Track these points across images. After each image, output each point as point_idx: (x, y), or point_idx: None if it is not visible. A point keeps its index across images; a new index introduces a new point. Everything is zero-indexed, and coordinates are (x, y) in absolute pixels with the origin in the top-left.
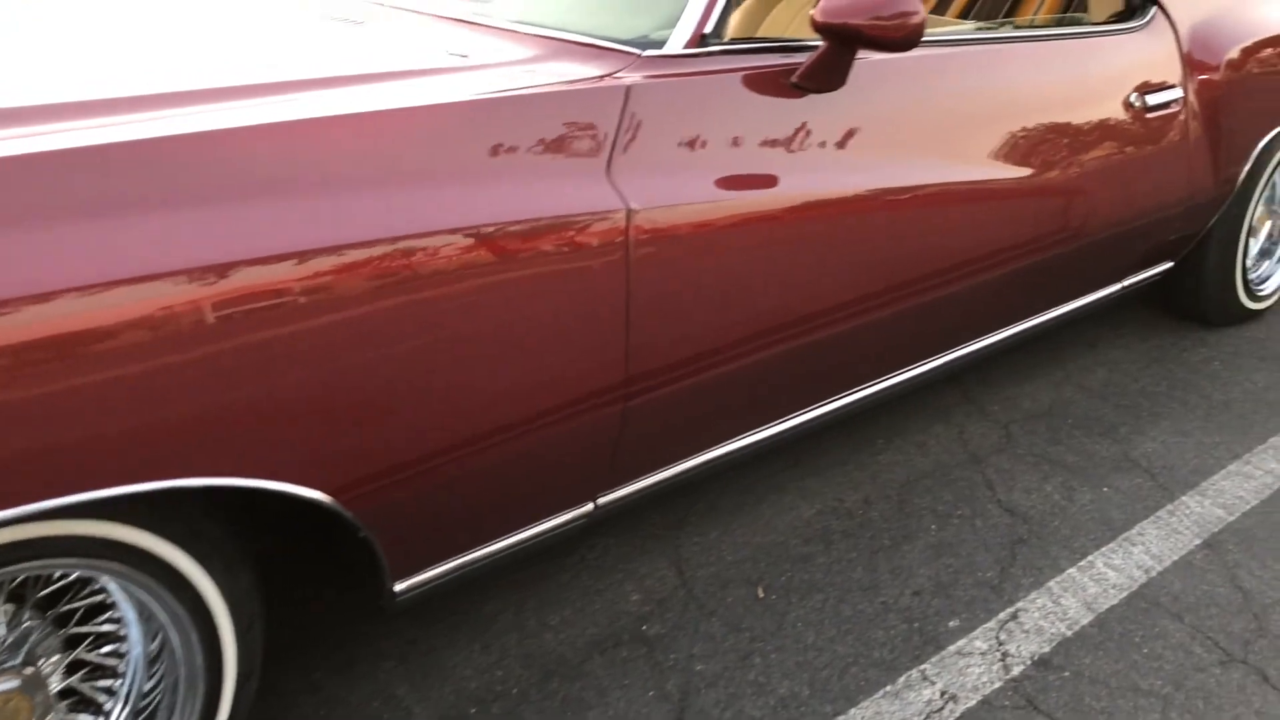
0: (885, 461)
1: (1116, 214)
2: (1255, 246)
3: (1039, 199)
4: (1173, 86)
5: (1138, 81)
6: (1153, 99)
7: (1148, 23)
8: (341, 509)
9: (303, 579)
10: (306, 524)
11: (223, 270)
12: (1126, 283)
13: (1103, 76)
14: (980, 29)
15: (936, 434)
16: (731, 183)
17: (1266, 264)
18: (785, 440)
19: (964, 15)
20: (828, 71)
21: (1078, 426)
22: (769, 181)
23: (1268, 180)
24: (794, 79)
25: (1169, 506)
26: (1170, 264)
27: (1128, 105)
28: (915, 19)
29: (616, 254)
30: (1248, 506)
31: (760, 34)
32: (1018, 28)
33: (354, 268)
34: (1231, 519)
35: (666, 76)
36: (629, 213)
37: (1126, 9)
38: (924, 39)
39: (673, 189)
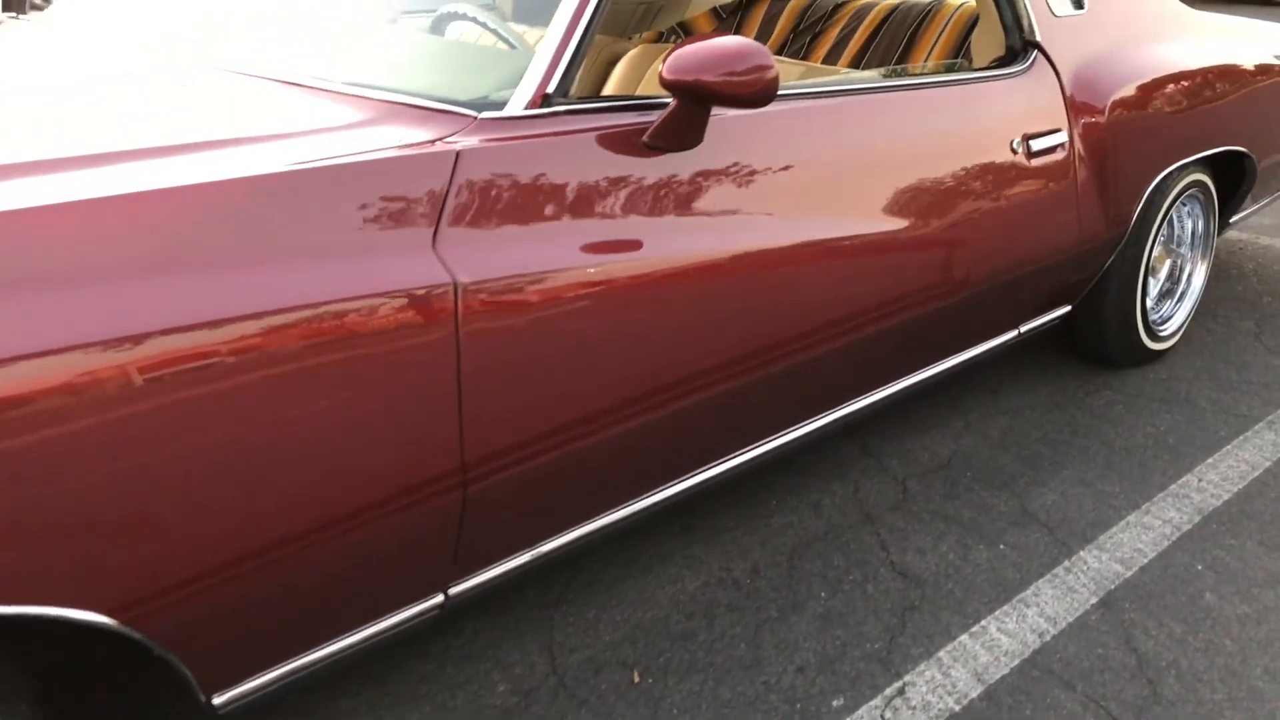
0: (778, 524)
1: (1003, 262)
2: (1155, 286)
3: (919, 251)
4: (1057, 130)
5: (1020, 127)
6: (1036, 144)
7: (1028, 67)
8: (127, 629)
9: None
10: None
11: None
12: (1023, 329)
13: (983, 123)
14: (853, 79)
15: (833, 492)
16: (578, 249)
17: (1168, 304)
18: (665, 509)
19: (855, 64)
20: (680, 130)
21: (976, 480)
22: (621, 246)
23: (1162, 220)
24: (645, 138)
25: (1066, 563)
26: (1068, 308)
27: (1010, 151)
28: (767, 74)
29: (443, 331)
30: (1145, 560)
31: (613, 91)
32: (893, 77)
33: (126, 362)
34: (1129, 574)
35: (505, 140)
36: (456, 287)
37: (1008, 54)
38: (797, 90)
39: (508, 259)
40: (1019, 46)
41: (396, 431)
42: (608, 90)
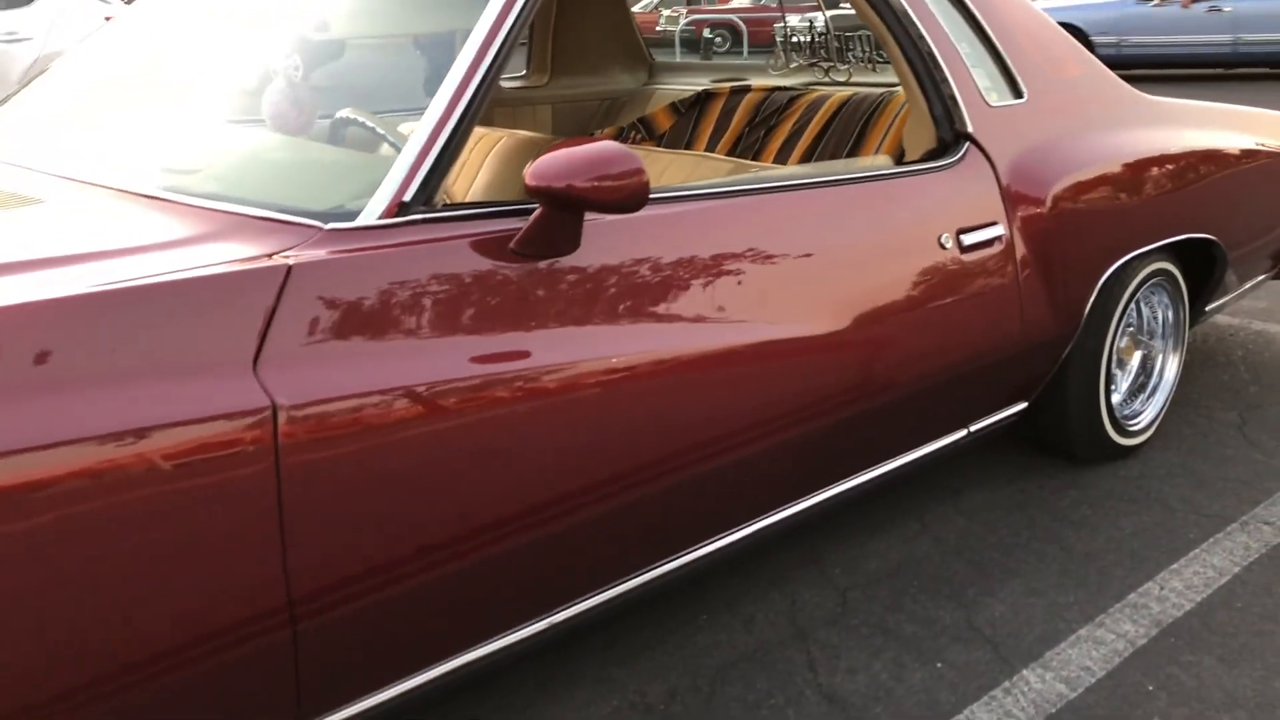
0: (704, 642)
1: (936, 362)
2: (1125, 379)
3: (836, 353)
4: (992, 224)
5: (950, 221)
6: (969, 239)
7: (959, 160)
8: None
9: None
10: None
11: None
12: (973, 428)
13: (908, 219)
14: (770, 177)
15: (769, 604)
16: (423, 365)
17: (1140, 397)
18: (581, 626)
19: (807, 158)
20: (550, 237)
21: (924, 589)
22: (480, 359)
23: (1124, 311)
24: (512, 245)
25: (1006, 684)
26: (1024, 404)
27: (939, 247)
28: (636, 179)
29: (263, 460)
30: (1093, 679)
31: (482, 197)
32: (816, 174)
33: None
34: (1073, 695)
35: (351, 252)
36: (276, 410)
37: (939, 147)
38: (708, 189)
39: (338, 379)
40: (950, 139)
41: (211, 569)
42: (483, 195)
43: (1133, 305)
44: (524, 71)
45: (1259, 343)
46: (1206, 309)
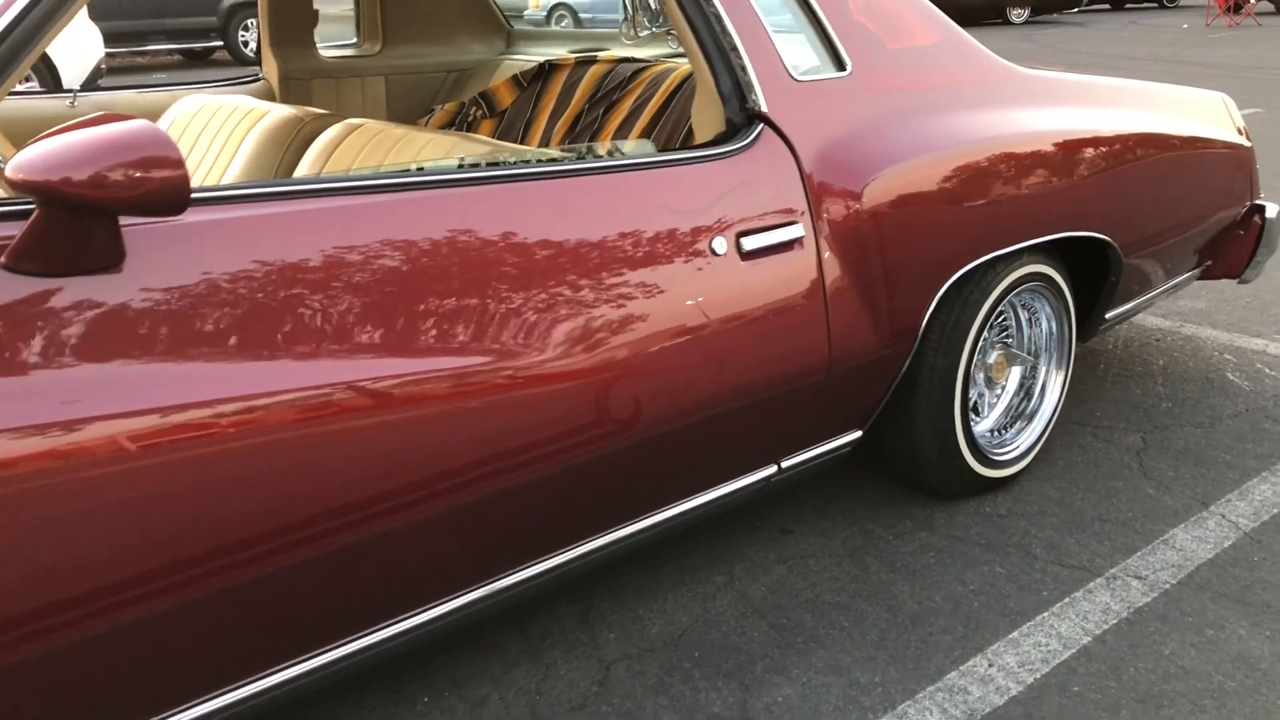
0: None
1: (709, 391)
2: (1003, 400)
3: (564, 384)
4: (788, 224)
5: (727, 221)
6: (752, 242)
7: (746, 146)
8: None
9: None
10: None
11: None
12: (788, 463)
13: (668, 218)
14: (475, 163)
15: (510, 681)
16: None
17: (1017, 423)
18: (264, 705)
19: (647, 134)
20: (59, 247)
21: (705, 661)
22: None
23: (984, 323)
24: (3, 260)
25: None
26: (858, 433)
27: (710, 252)
28: (163, 174)
29: None
30: None
31: None
32: (561, 161)
33: None
34: None
35: None
36: None
37: (729, 130)
38: (372, 182)
39: None
40: (740, 120)
41: None
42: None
43: (1009, 315)
44: (355, 39)
45: (1185, 350)
46: (1107, 317)
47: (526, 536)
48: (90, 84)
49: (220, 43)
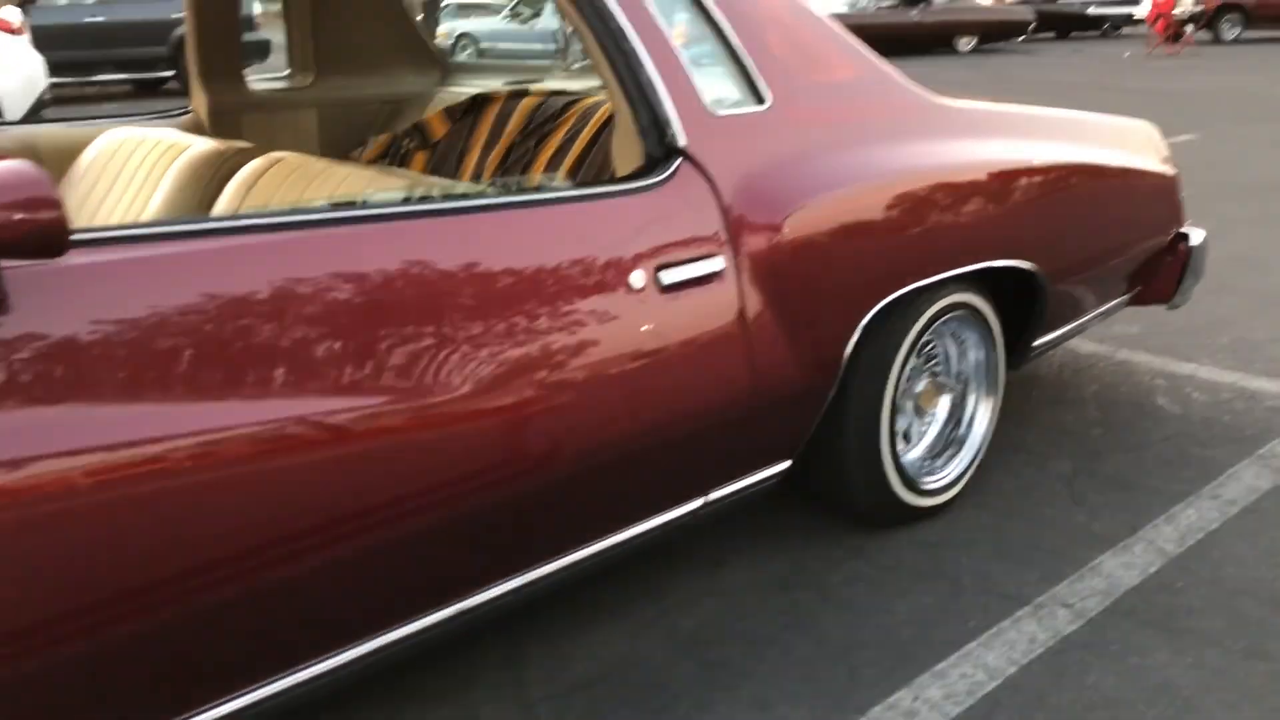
0: None
1: (629, 426)
2: (933, 429)
3: (477, 425)
4: (708, 257)
5: (646, 256)
6: (672, 276)
7: (664, 180)
8: None
9: None
10: None
11: None
12: (715, 495)
13: (585, 253)
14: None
15: None
16: None
17: (949, 451)
18: None
19: (578, 168)
20: None
21: (630, 702)
22: None
23: (909, 353)
24: None
25: None
26: (786, 464)
27: (628, 288)
28: (35, 215)
29: None
30: None
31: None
32: (474, 196)
33: None
34: None
35: None
36: None
37: (648, 164)
38: (303, 217)
39: None
40: (659, 154)
41: None
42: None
43: (937, 344)
44: (287, 71)
45: (1118, 375)
46: (1035, 345)
47: (444, 577)
48: (33, 114)
49: (171, 73)
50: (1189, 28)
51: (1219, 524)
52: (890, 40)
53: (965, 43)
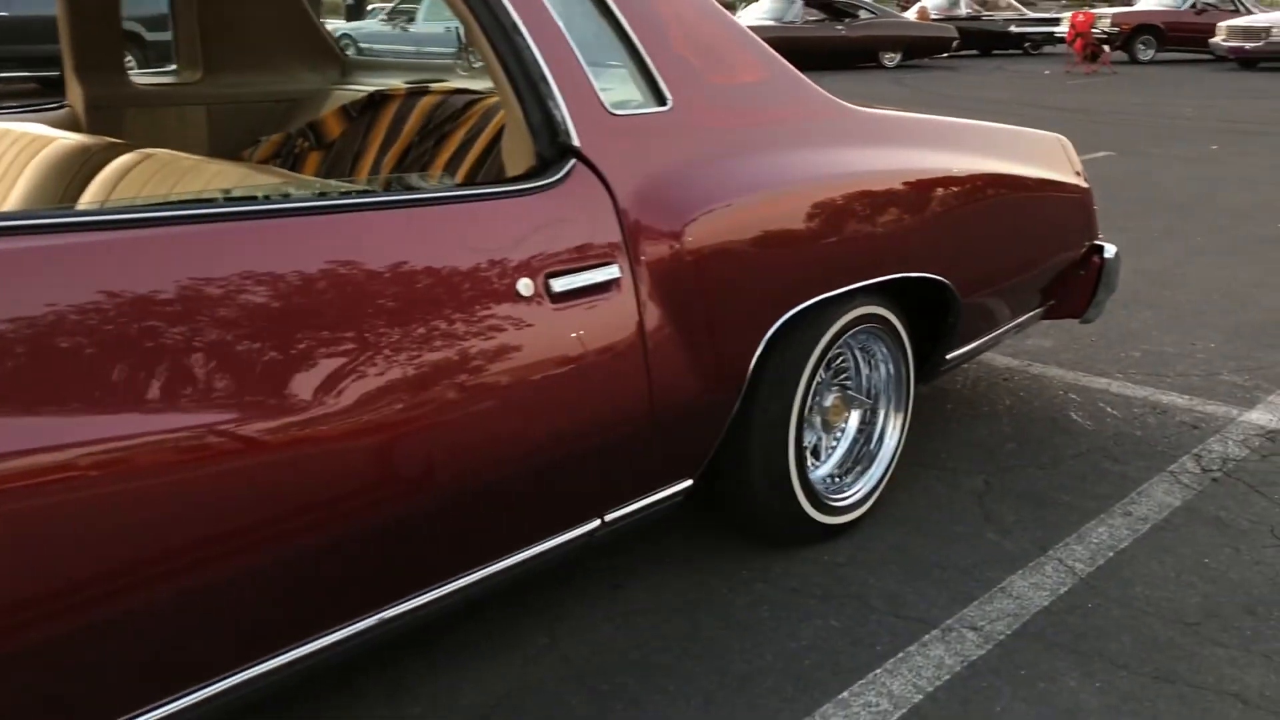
0: None
1: (513, 445)
2: (837, 445)
3: (351, 444)
4: (602, 264)
5: (534, 262)
6: (563, 284)
7: (556, 182)
8: None
9: None
10: None
11: None
12: (611, 515)
13: (466, 258)
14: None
15: None
16: None
17: (858, 467)
18: None
19: (477, 169)
20: None
21: None
22: None
23: (816, 367)
24: None
25: None
26: (687, 482)
27: (515, 296)
28: None
29: None
30: None
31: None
32: (354, 195)
33: None
34: None
35: None
36: None
37: (539, 165)
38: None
39: None
40: (551, 155)
41: None
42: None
43: (847, 356)
44: (174, 66)
45: (1031, 390)
46: (948, 358)
47: (318, 604)
48: None
49: None
50: (1106, 48)
51: (1130, 542)
52: (817, 54)
53: (890, 58)
